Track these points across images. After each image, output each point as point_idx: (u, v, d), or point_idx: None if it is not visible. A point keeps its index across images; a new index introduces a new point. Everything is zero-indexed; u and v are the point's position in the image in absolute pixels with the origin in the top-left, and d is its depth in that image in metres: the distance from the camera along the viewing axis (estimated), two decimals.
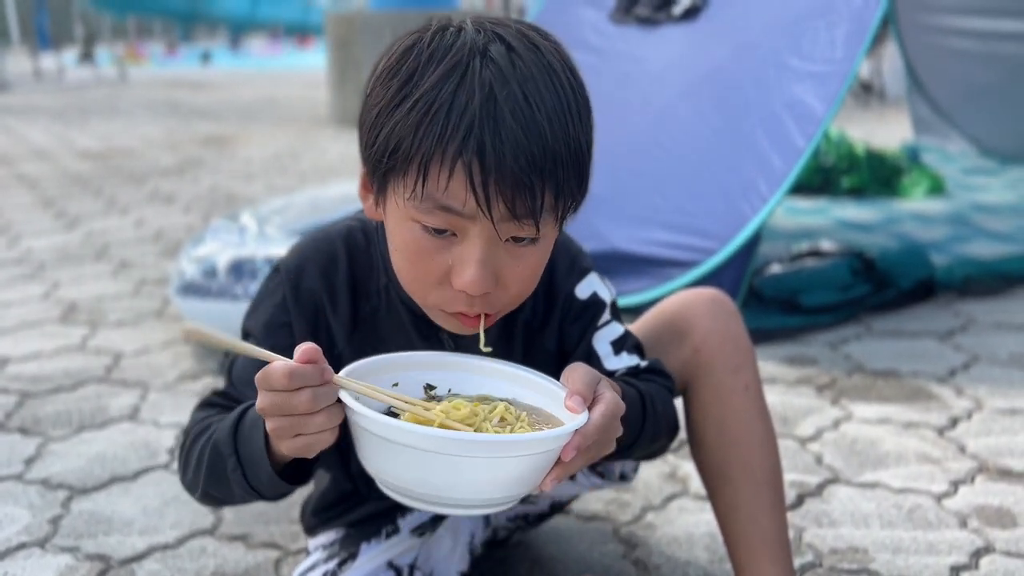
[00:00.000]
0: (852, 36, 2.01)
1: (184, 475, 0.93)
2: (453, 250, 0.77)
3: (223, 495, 0.89)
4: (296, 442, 0.73)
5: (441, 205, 0.74)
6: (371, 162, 0.79)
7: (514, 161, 0.72)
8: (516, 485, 0.71)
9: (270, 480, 0.81)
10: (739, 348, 1.03)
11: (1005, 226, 3.06)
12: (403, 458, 0.69)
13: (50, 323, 2.31)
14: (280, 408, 0.70)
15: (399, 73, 0.76)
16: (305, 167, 4.85)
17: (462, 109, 0.72)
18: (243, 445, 0.82)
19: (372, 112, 0.78)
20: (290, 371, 0.69)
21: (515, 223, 0.76)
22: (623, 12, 2.63)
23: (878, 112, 6.94)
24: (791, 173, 1.98)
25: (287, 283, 0.94)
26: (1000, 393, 1.78)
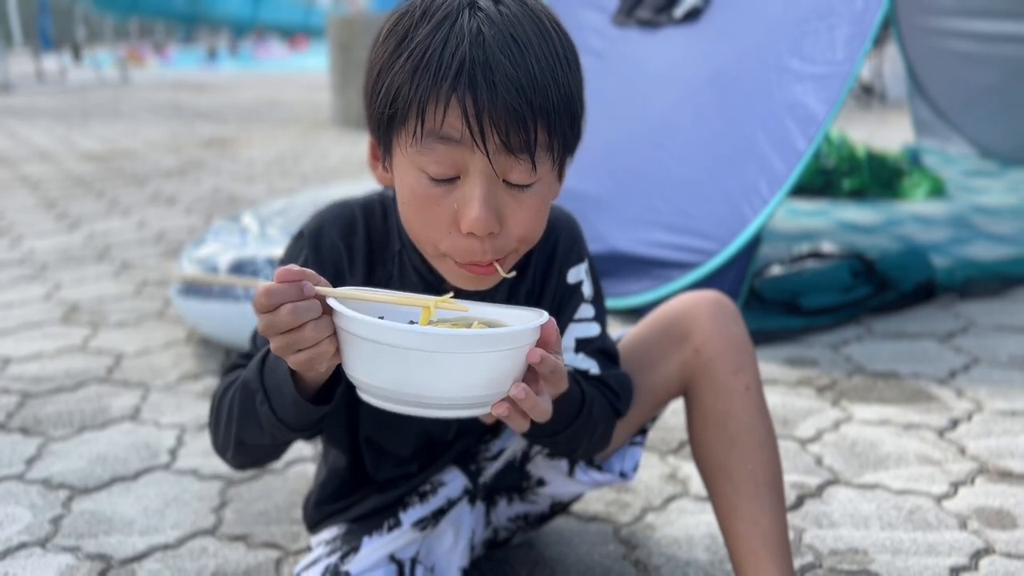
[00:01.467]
0: (853, 38, 2.01)
1: (216, 436, 0.96)
2: (456, 194, 0.81)
3: (254, 439, 0.90)
4: (299, 357, 0.74)
5: (440, 136, 0.78)
6: (375, 119, 0.84)
7: (505, 92, 0.76)
8: (490, 384, 0.75)
9: (294, 404, 0.83)
10: (740, 349, 1.04)
11: (1005, 228, 3.06)
12: (383, 358, 0.72)
13: (52, 324, 2.32)
14: (270, 327, 0.73)
15: (395, 32, 0.81)
16: (307, 169, 4.86)
17: (453, 51, 0.77)
18: (268, 377, 0.85)
19: (373, 72, 0.83)
20: (267, 290, 0.72)
21: (512, 158, 0.79)
22: (625, 15, 2.63)
23: (879, 114, 6.94)
24: (792, 175, 1.98)
25: (309, 245, 0.98)
26: (1000, 395, 1.78)
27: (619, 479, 1.13)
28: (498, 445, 1.13)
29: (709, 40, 2.37)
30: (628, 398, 1.06)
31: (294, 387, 0.82)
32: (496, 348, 0.73)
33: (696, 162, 2.21)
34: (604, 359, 1.06)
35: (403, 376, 0.73)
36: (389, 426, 1.04)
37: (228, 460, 0.98)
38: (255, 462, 1.00)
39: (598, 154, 2.42)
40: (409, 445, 1.07)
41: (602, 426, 1.01)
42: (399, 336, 0.71)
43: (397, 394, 0.74)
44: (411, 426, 1.05)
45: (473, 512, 1.14)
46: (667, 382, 1.08)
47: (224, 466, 1.54)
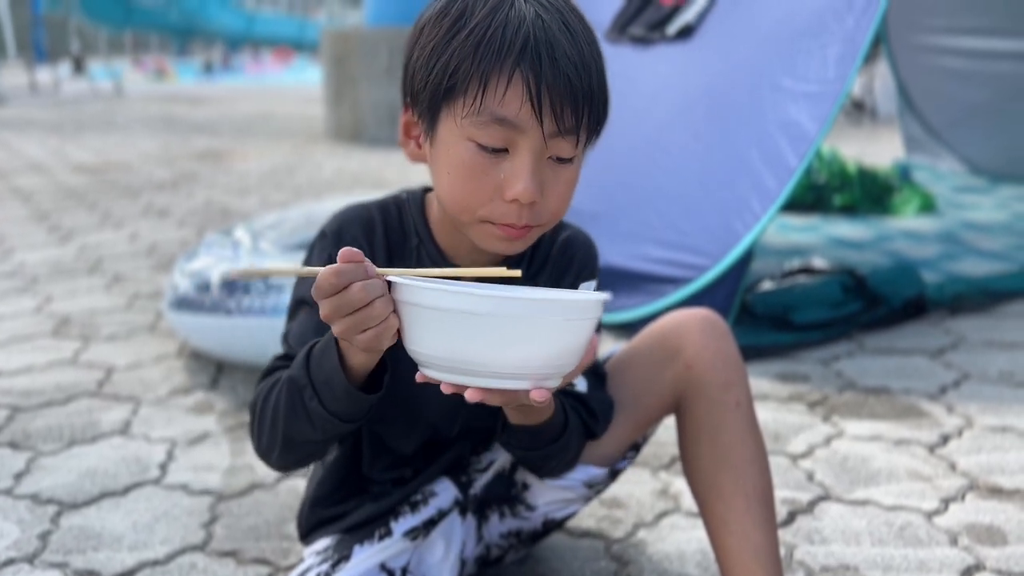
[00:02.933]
0: (844, 57, 2.03)
1: (259, 439, 0.95)
2: (503, 166, 0.85)
3: (304, 435, 0.90)
4: (366, 336, 0.76)
5: (497, 116, 0.83)
6: (426, 93, 0.87)
7: (566, 70, 0.83)
8: (563, 355, 0.77)
9: (346, 394, 0.83)
10: (730, 365, 1.05)
11: (995, 244, 3.08)
12: (458, 328, 0.73)
13: (42, 337, 2.31)
14: (339, 308, 0.74)
15: (449, 14, 0.86)
16: (300, 182, 4.86)
17: (516, 28, 0.82)
18: (316, 371, 0.85)
19: (426, 49, 0.87)
20: (336, 270, 0.73)
21: (560, 138, 0.85)
22: (618, 31, 2.65)
23: (870, 130, 6.99)
24: (783, 191, 1.99)
25: (332, 244, 1.00)
26: (991, 410, 1.79)
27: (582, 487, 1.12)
28: (488, 457, 1.14)
29: (702, 57, 2.38)
30: (606, 422, 1.09)
31: (344, 378, 0.83)
32: (578, 316, 0.76)
33: (689, 178, 2.22)
34: (593, 378, 1.09)
35: (473, 346, 0.74)
36: (395, 422, 1.06)
37: (273, 461, 0.97)
38: (301, 460, 0.98)
39: (591, 169, 2.42)
40: (413, 442, 1.08)
41: (574, 450, 1.05)
42: (478, 302, 0.72)
43: (462, 363, 0.76)
44: (418, 422, 1.06)
45: (464, 524, 1.14)
46: (659, 398, 1.10)
47: (214, 481, 1.54)
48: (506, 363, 0.75)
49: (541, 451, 0.99)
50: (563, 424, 0.99)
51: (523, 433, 0.97)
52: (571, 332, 0.76)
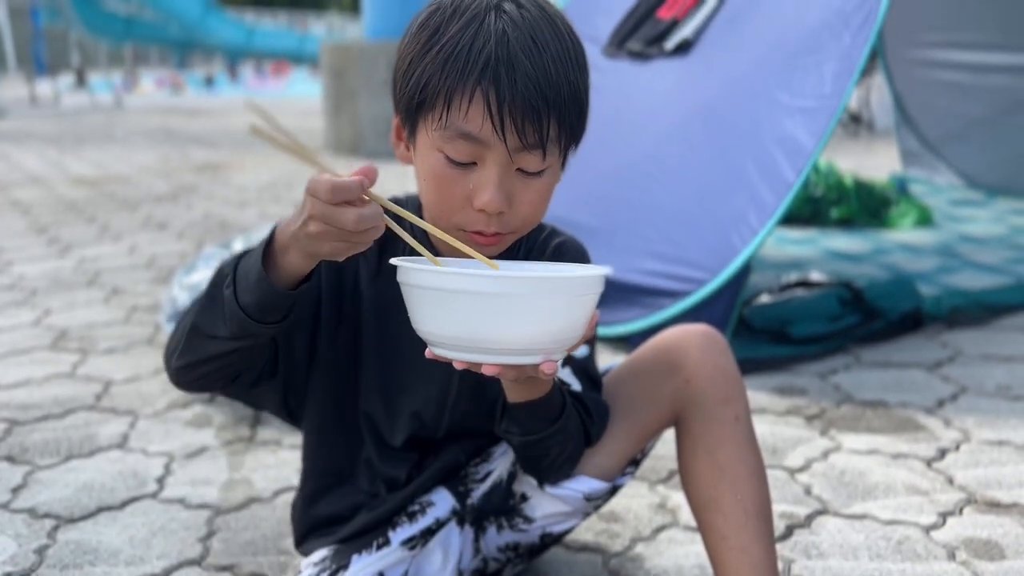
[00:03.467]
0: (840, 73, 2.04)
1: (171, 339, 0.95)
2: (472, 177, 0.89)
3: (209, 327, 0.87)
4: (337, 246, 0.77)
5: (462, 132, 0.87)
6: (404, 103, 0.92)
7: (524, 89, 0.85)
8: (572, 328, 0.80)
9: (257, 284, 0.82)
10: (729, 380, 1.07)
11: (992, 258, 3.09)
12: (468, 309, 0.75)
13: (40, 350, 2.31)
14: (326, 218, 0.74)
15: (427, 27, 0.90)
16: (298, 195, 4.87)
17: (480, 49, 0.86)
18: (243, 263, 0.85)
19: (405, 61, 0.91)
20: (332, 185, 0.73)
21: (525, 152, 0.88)
22: (616, 47, 2.67)
23: (867, 142, 7.02)
24: (781, 206, 2.00)
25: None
26: (988, 424, 1.79)
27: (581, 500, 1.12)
28: (486, 467, 1.15)
29: (699, 73, 2.40)
30: (602, 425, 1.10)
31: (261, 265, 0.82)
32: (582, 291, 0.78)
33: (686, 192, 2.23)
34: (587, 381, 1.10)
35: (478, 324, 0.76)
36: (381, 407, 1.07)
37: (171, 364, 0.95)
38: (198, 369, 0.93)
39: (589, 183, 2.44)
40: (399, 432, 1.08)
41: (572, 445, 1.05)
42: (480, 283, 0.74)
43: (473, 343, 0.77)
44: (403, 411, 1.07)
45: (462, 535, 1.15)
46: (658, 412, 1.10)
47: (212, 495, 1.54)
48: (517, 340, 0.77)
49: (540, 435, 1.00)
50: (561, 404, 1.00)
51: (523, 413, 0.98)
52: (579, 307, 0.79)
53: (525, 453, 1.06)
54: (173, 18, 21.51)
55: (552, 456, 1.05)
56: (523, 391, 0.96)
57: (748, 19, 2.40)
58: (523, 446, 1.03)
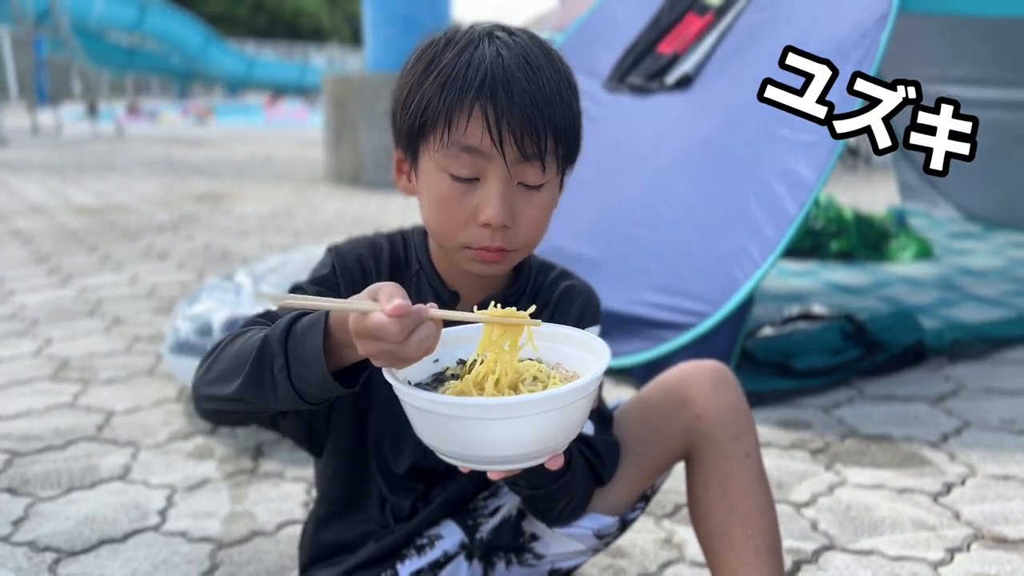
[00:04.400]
0: (841, 108, 2.06)
1: (205, 375, 0.92)
2: (476, 194, 0.92)
3: (252, 398, 0.86)
4: (399, 365, 0.77)
5: (463, 146, 0.90)
6: (405, 129, 0.95)
7: (520, 103, 0.89)
8: (572, 428, 0.79)
9: (321, 380, 0.81)
10: (740, 416, 1.08)
11: (992, 291, 3.10)
12: (467, 430, 0.76)
13: (41, 380, 2.30)
14: (392, 355, 0.74)
15: (423, 58, 0.94)
16: (300, 225, 4.88)
17: (476, 68, 0.90)
18: (295, 347, 0.82)
19: (404, 91, 0.95)
20: (402, 325, 0.72)
21: (526, 163, 0.92)
22: (617, 81, 2.70)
23: (865, 176, 7.06)
24: (783, 239, 2.01)
25: (336, 256, 1.05)
26: (992, 459, 1.79)
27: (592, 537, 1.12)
28: (495, 503, 1.14)
29: (700, 107, 2.42)
30: (613, 466, 1.10)
31: (325, 366, 0.81)
32: (560, 405, 0.76)
33: (688, 225, 2.24)
34: (599, 420, 1.10)
35: (478, 443, 0.76)
36: (385, 435, 1.08)
37: (202, 401, 0.93)
38: (231, 415, 0.94)
39: (592, 216, 2.45)
40: (403, 460, 1.08)
41: (581, 493, 1.05)
42: (454, 408, 0.74)
43: (477, 458, 0.78)
44: (406, 440, 1.07)
45: (470, 569, 1.14)
46: (668, 448, 1.11)
47: (214, 528, 1.52)
48: (519, 452, 0.77)
49: (547, 489, 0.99)
50: (568, 459, 0.99)
51: (529, 471, 0.97)
52: (577, 408, 0.78)
53: (533, 505, 1.06)
54: (175, 49, 21.74)
55: (559, 507, 1.05)
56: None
57: (748, 54, 2.42)
58: (530, 499, 1.04)
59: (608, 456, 1.09)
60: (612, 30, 3.01)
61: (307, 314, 0.84)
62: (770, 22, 2.44)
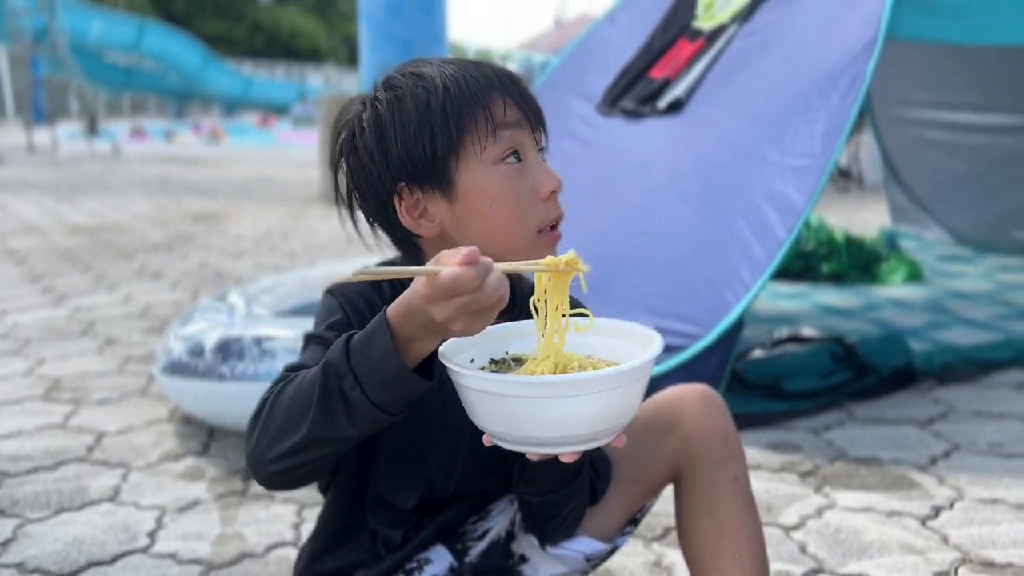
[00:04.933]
0: (830, 132, 2.09)
1: (262, 438, 0.88)
2: (526, 172, 0.97)
3: (329, 431, 0.84)
4: (476, 326, 0.77)
5: (504, 123, 0.96)
6: (432, 158, 0.95)
7: (518, 81, 0.99)
8: (631, 408, 0.82)
9: (398, 381, 0.81)
10: (728, 440, 1.09)
11: (981, 314, 3.12)
12: (528, 410, 0.77)
13: (32, 400, 2.30)
14: (469, 306, 0.75)
15: (402, 98, 0.97)
16: (295, 245, 4.90)
17: (473, 70, 0.98)
18: (359, 360, 0.82)
19: (408, 129, 0.95)
20: (477, 270, 0.74)
21: (540, 131, 1.00)
22: (610, 104, 2.72)
23: (857, 198, 7.11)
24: (773, 262, 2.03)
25: (342, 298, 1.03)
26: (981, 482, 1.80)
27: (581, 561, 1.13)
28: (484, 526, 1.14)
29: (692, 131, 2.45)
30: (606, 480, 1.11)
31: (401, 361, 0.80)
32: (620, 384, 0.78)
33: (680, 247, 2.26)
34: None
35: (540, 424, 0.77)
36: (397, 474, 1.06)
37: (269, 464, 0.88)
38: (302, 467, 0.89)
39: (584, 238, 2.46)
40: (411, 497, 1.08)
41: (581, 502, 1.06)
42: (514, 387, 0.76)
43: (535, 440, 0.79)
44: (418, 476, 1.07)
45: None
46: (657, 471, 1.12)
47: (204, 550, 1.52)
48: (579, 433, 0.78)
49: (560, 492, 1.00)
50: (579, 463, 1.00)
51: (547, 471, 0.99)
52: (638, 389, 0.81)
53: (541, 512, 1.06)
54: (173, 69, 21.84)
55: (565, 514, 1.05)
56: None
57: (739, 79, 2.46)
58: (540, 505, 1.04)
59: (603, 470, 1.10)
60: (605, 54, 3.04)
61: (354, 334, 0.84)
62: (760, 48, 2.48)
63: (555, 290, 0.86)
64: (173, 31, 22.06)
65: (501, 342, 0.92)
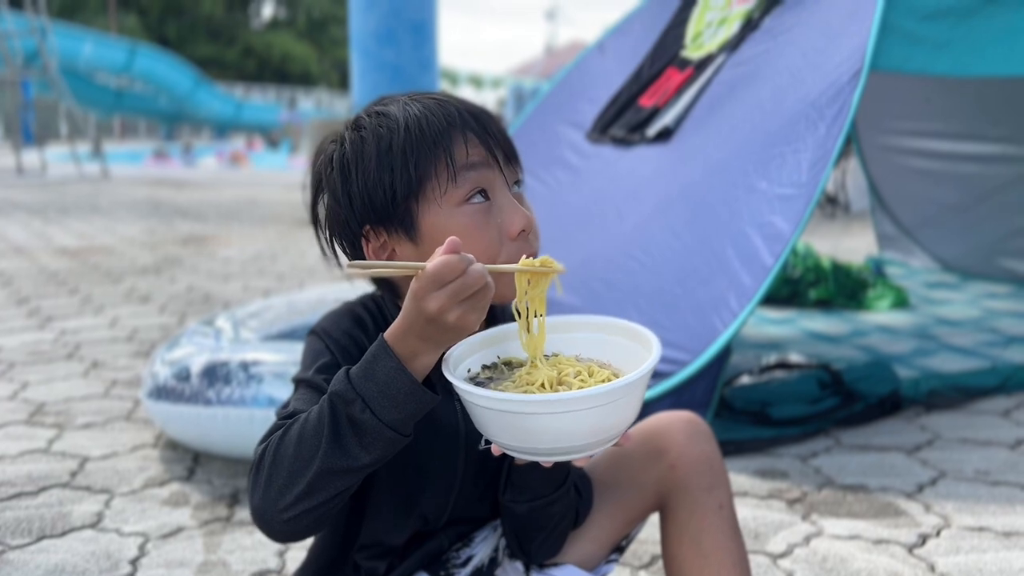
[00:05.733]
0: (816, 162, 2.11)
1: (269, 486, 0.85)
2: (492, 213, 0.95)
3: (338, 462, 0.83)
4: (474, 316, 0.80)
5: (466, 164, 0.94)
6: (393, 201, 0.95)
7: (485, 117, 0.98)
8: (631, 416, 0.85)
9: (409, 396, 0.82)
10: (713, 468, 1.09)
11: (967, 341, 3.14)
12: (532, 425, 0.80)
13: (16, 424, 2.27)
14: (459, 292, 0.78)
15: (365, 139, 0.96)
16: (283, 268, 4.89)
17: (440, 110, 0.96)
18: (365, 385, 0.82)
19: (368, 173, 0.95)
20: (459, 257, 0.78)
21: (510, 167, 0.98)
22: (599, 132, 2.75)
23: (843, 224, 7.16)
24: (760, 289, 2.04)
25: (328, 339, 1.02)
26: (967, 510, 1.80)
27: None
28: (467, 552, 1.14)
29: (680, 159, 2.47)
30: (589, 502, 1.12)
31: (411, 377, 0.82)
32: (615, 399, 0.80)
33: (668, 274, 2.27)
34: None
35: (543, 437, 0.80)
36: (390, 512, 1.06)
37: (277, 515, 0.85)
38: (312, 516, 0.86)
39: (574, 263, 2.47)
40: (404, 533, 1.07)
41: (567, 512, 1.06)
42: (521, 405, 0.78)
43: (541, 450, 0.82)
44: (413, 512, 1.06)
45: None
46: (642, 498, 1.12)
47: None
48: (584, 443, 0.81)
49: (548, 498, 1.01)
50: (566, 469, 1.02)
51: (535, 475, 1.00)
52: (638, 396, 0.83)
53: (528, 522, 1.06)
54: (163, 91, 21.89)
55: (552, 524, 1.05)
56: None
57: (727, 109, 2.48)
58: (529, 512, 1.03)
59: (584, 489, 1.10)
60: (595, 83, 3.07)
61: (351, 368, 0.85)
62: (748, 78, 2.51)
63: (534, 292, 0.89)
64: (164, 54, 22.15)
65: (490, 347, 0.94)
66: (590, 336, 0.97)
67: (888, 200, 4.54)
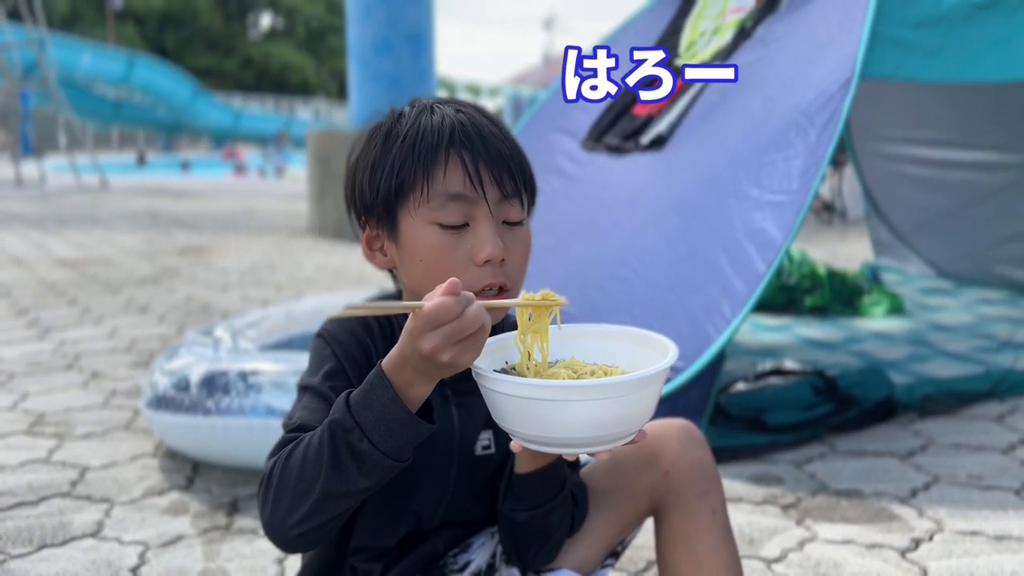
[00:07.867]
0: (807, 169, 2.13)
1: (277, 505, 0.89)
2: (466, 239, 0.96)
3: (343, 486, 0.86)
4: (465, 357, 0.80)
5: (448, 194, 0.94)
6: (380, 200, 0.98)
7: (494, 144, 0.96)
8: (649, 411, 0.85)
9: (404, 427, 0.84)
10: (706, 474, 1.11)
11: (962, 347, 3.15)
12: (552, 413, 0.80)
13: (16, 435, 2.29)
14: (454, 335, 0.78)
15: (378, 135, 0.99)
16: (281, 279, 4.90)
17: (440, 123, 0.96)
18: (363, 414, 0.85)
19: (367, 167, 0.99)
20: (457, 299, 0.78)
21: (506, 203, 0.97)
22: (594, 140, 2.77)
23: (840, 231, 7.19)
24: (752, 296, 2.06)
25: (334, 344, 1.04)
26: (960, 514, 1.82)
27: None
28: (464, 558, 1.15)
29: (673, 167, 2.49)
30: (584, 509, 1.13)
31: (406, 409, 0.84)
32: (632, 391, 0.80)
33: (661, 282, 2.29)
34: (568, 464, 1.12)
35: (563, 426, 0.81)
36: (382, 512, 1.07)
37: (290, 529, 0.89)
38: (324, 525, 0.90)
39: (568, 271, 2.50)
40: (397, 533, 1.09)
41: (565, 519, 1.08)
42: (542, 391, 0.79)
43: (558, 442, 0.82)
44: (405, 512, 1.08)
45: None
46: (636, 504, 1.14)
47: None
48: (608, 433, 0.82)
49: (547, 506, 1.03)
50: (564, 474, 1.04)
51: (533, 483, 1.02)
52: (656, 394, 0.84)
53: (527, 530, 1.07)
54: (162, 102, 21.94)
55: (549, 531, 1.06)
56: (536, 459, 1.00)
57: (719, 117, 2.51)
58: (528, 521, 1.05)
59: (580, 496, 1.12)
60: None
61: (351, 392, 0.87)
62: (740, 87, 2.53)
63: (537, 325, 0.89)
64: (162, 64, 22.19)
65: (500, 352, 0.94)
66: (599, 344, 0.98)
67: (883, 207, 4.56)
